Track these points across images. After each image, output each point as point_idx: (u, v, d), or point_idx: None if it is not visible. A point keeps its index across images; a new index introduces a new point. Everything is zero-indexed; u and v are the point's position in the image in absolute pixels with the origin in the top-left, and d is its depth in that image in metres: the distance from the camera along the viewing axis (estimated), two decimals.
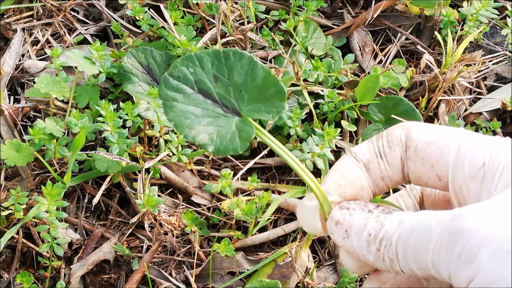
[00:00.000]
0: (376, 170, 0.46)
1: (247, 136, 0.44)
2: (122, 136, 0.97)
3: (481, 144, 0.42)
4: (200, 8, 1.19)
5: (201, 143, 0.44)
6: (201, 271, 0.96)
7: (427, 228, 0.39)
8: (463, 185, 0.42)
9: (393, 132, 0.46)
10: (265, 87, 0.44)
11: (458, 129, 0.45)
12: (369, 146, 0.47)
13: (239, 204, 0.94)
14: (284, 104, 0.44)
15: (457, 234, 0.36)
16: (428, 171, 0.45)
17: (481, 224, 0.36)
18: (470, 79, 1.15)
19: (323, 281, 0.97)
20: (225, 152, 0.44)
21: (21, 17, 1.25)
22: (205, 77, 0.45)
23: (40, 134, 0.96)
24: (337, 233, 0.44)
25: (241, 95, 0.45)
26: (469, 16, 1.19)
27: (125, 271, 0.98)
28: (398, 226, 0.41)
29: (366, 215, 0.43)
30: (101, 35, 1.26)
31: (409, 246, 0.39)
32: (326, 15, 1.26)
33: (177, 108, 0.45)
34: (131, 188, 1.03)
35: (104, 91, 1.12)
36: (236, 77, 0.45)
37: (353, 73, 1.19)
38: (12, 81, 1.17)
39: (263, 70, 0.44)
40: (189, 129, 0.45)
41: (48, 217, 0.90)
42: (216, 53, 0.45)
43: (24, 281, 0.90)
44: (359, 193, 0.46)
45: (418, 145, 0.45)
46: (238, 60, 0.45)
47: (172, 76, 0.45)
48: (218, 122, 0.45)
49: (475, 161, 0.42)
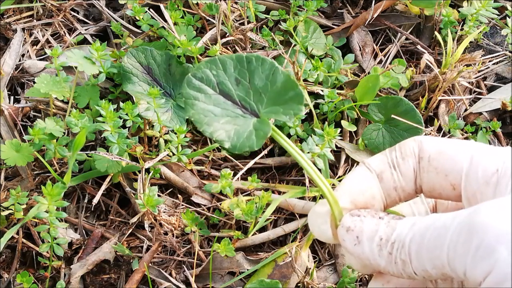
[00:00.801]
0: (389, 181, 0.47)
1: (264, 134, 0.45)
2: (122, 136, 0.97)
3: (494, 152, 0.43)
4: (200, 8, 1.19)
5: (218, 139, 0.46)
6: (201, 271, 0.96)
7: (441, 226, 0.39)
8: (477, 191, 0.43)
9: (406, 144, 0.47)
10: (284, 91, 0.46)
11: (470, 141, 0.46)
12: (382, 158, 0.48)
13: (239, 204, 0.94)
14: (301, 107, 0.45)
15: (474, 229, 0.37)
16: (442, 181, 0.45)
17: (499, 219, 0.36)
18: (470, 79, 1.15)
19: (323, 281, 0.97)
20: (241, 148, 0.45)
21: (21, 17, 1.25)
22: (227, 80, 0.48)
23: (40, 134, 0.96)
24: (348, 240, 0.45)
25: (261, 98, 0.47)
26: (469, 16, 1.19)
27: (125, 271, 0.98)
28: (410, 228, 0.41)
29: (377, 221, 0.44)
30: (101, 35, 1.26)
31: (423, 246, 0.40)
32: (326, 15, 1.26)
33: (198, 107, 0.47)
34: (131, 188, 1.03)
35: (104, 91, 1.12)
36: (257, 81, 0.47)
37: (353, 73, 1.19)
38: (12, 81, 1.17)
39: (283, 75, 0.46)
40: (208, 125, 0.47)
41: (48, 217, 0.90)
42: (239, 57, 0.47)
43: (24, 281, 0.90)
44: (370, 202, 0.47)
45: (432, 155, 0.46)
46: (260, 65, 0.47)
47: (195, 77, 0.47)
48: (236, 121, 0.47)
49: (489, 167, 0.42)
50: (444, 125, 1.14)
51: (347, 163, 1.10)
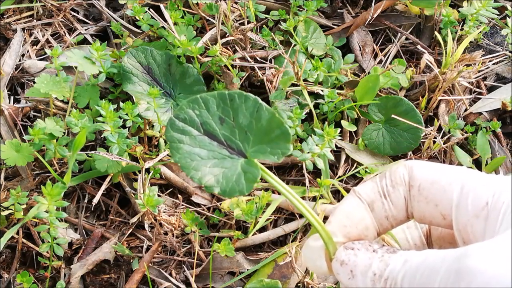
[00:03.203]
0: (380, 210, 0.47)
1: (253, 178, 0.44)
2: (122, 136, 0.97)
3: (484, 183, 0.43)
4: (200, 8, 1.19)
5: (207, 184, 0.45)
6: (201, 271, 0.96)
7: (431, 267, 0.39)
8: (467, 223, 0.43)
9: (396, 172, 0.47)
10: (270, 129, 0.45)
11: (461, 168, 0.45)
12: (372, 186, 0.47)
13: (239, 204, 0.94)
14: (289, 145, 0.45)
15: (462, 274, 0.37)
16: (432, 210, 0.45)
17: (485, 264, 0.36)
18: (470, 79, 1.15)
19: (323, 281, 0.97)
20: (231, 194, 0.45)
21: (21, 17, 1.25)
22: (211, 119, 0.46)
23: (40, 134, 0.96)
24: (343, 274, 0.45)
25: (247, 136, 0.46)
26: (469, 16, 1.19)
27: (125, 271, 0.98)
28: (403, 265, 0.41)
29: (370, 254, 0.44)
30: (101, 35, 1.26)
31: (414, 285, 0.40)
32: (326, 15, 1.26)
33: (183, 150, 0.46)
34: (131, 188, 1.03)
35: (104, 91, 1.12)
36: (241, 119, 0.46)
37: (353, 73, 1.19)
38: (12, 81, 1.17)
39: (268, 112, 0.45)
40: (195, 170, 0.46)
41: (48, 217, 0.90)
42: (221, 95, 0.46)
43: (24, 281, 0.90)
44: (363, 233, 0.47)
45: (422, 184, 0.45)
46: (244, 102, 0.46)
47: (178, 118, 0.46)
48: (223, 163, 0.46)
49: (479, 200, 0.42)
50: (444, 125, 1.14)
51: (347, 163, 1.10)
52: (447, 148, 1.11)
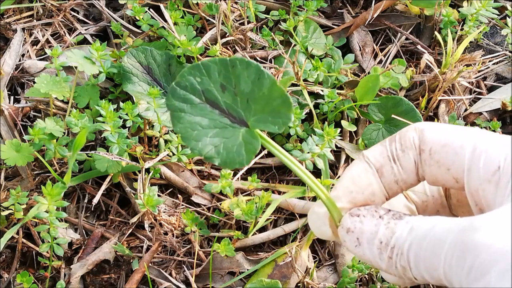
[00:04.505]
0: (389, 175, 0.46)
1: (253, 149, 0.44)
2: (122, 136, 0.97)
3: (497, 145, 0.42)
4: (200, 8, 1.19)
5: (207, 155, 0.45)
6: (201, 271, 0.96)
7: (437, 238, 0.38)
8: (479, 187, 0.42)
9: (406, 135, 0.46)
10: (271, 98, 0.44)
11: (472, 129, 0.44)
12: (382, 150, 0.46)
13: (239, 204, 0.94)
14: (290, 115, 0.44)
15: (468, 248, 0.36)
16: (444, 174, 0.44)
17: (492, 239, 0.36)
18: (470, 79, 1.15)
19: (323, 281, 0.97)
20: (231, 165, 0.44)
21: (21, 17, 1.25)
22: (212, 87, 0.45)
23: (40, 134, 0.96)
24: (349, 241, 0.44)
25: (248, 105, 0.45)
26: (469, 16, 1.19)
27: (125, 271, 0.98)
28: (409, 234, 0.41)
29: (376, 221, 0.43)
30: (101, 35, 1.26)
31: (420, 256, 0.39)
32: (326, 15, 1.26)
33: (185, 119, 0.45)
34: (131, 188, 1.03)
35: (104, 91, 1.12)
36: (243, 86, 0.45)
37: (353, 73, 1.19)
38: (12, 81, 1.17)
39: (269, 80, 0.44)
40: (196, 141, 0.45)
41: (48, 217, 0.90)
42: (223, 61, 0.45)
43: (24, 281, 0.90)
44: (370, 199, 0.46)
45: (433, 148, 0.44)
46: (245, 69, 0.44)
47: (180, 86, 0.46)
48: (224, 133, 0.45)
49: (490, 163, 0.41)
50: None
51: (347, 163, 1.10)
52: None
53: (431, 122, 0.46)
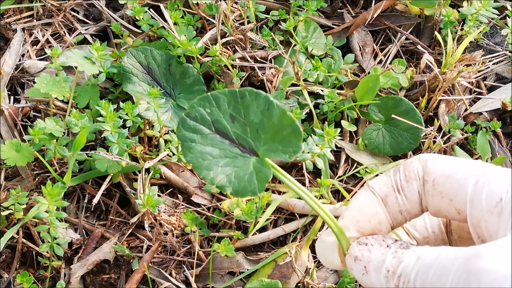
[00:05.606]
0: (394, 205, 0.47)
1: (265, 177, 0.44)
2: (122, 136, 0.97)
3: (499, 177, 0.42)
4: (200, 8, 1.19)
5: (219, 184, 0.45)
6: (201, 271, 0.96)
7: (443, 266, 0.39)
8: (481, 219, 0.42)
9: (410, 166, 0.47)
10: (281, 127, 0.45)
11: (475, 162, 0.45)
12: (386, 180, 0.47)
13: (239, 204, 0.94)
14: (300, 144, 0.44)
15: (473, 274, 0.37)
16: (447, 205, 0.45)
17: (495, 265, 0.37)
18: (470, 79, 1.15)
19: (323, 281, 0.97)
20: (243, 194, 0.45)
21: (21, 17, 1.25)
22: (222, 117, 0.46)
23: (40, 134, 0.96)
24: (356, 269, 0.45)
25: (258, 134, 0.46)
26: (469, 16, 1.19)
27: (125, 271, 0.98)
28: (416, 263, 0.41)
29: (384, 250, 0.44)
30: (101, 35, 1.26)
31: (426, 284, 0.40)
32: (326, 15, 1.26)
33: (195, 149, 0.46)
34: (131, 188, 1.03)
35: (104, 91, 1.12)
36: (252, 117, 0.46)
37: (353, 73, 1.19)
38: (12, 81, 1.17)
39: (279, 110, 0.45)
40: (207, 170, 0.46)
41: (48, 217, 0.90)
42: (232, 92, 0.46)
43: (24, 281, 0.90)
44: (377, 227, 0.47)
45: (436, 179, 0.45)
46: (254, 100, 0.45)
47: (190, 117, 0.46)
48: (235, 162, 0.46)
49: (493, 196, 0.42)
50: (444, 125, 1.14)
51: (347, 163, 1.10)
52: (447, 148, 1.11)
53: (435, 154, 0.47)
